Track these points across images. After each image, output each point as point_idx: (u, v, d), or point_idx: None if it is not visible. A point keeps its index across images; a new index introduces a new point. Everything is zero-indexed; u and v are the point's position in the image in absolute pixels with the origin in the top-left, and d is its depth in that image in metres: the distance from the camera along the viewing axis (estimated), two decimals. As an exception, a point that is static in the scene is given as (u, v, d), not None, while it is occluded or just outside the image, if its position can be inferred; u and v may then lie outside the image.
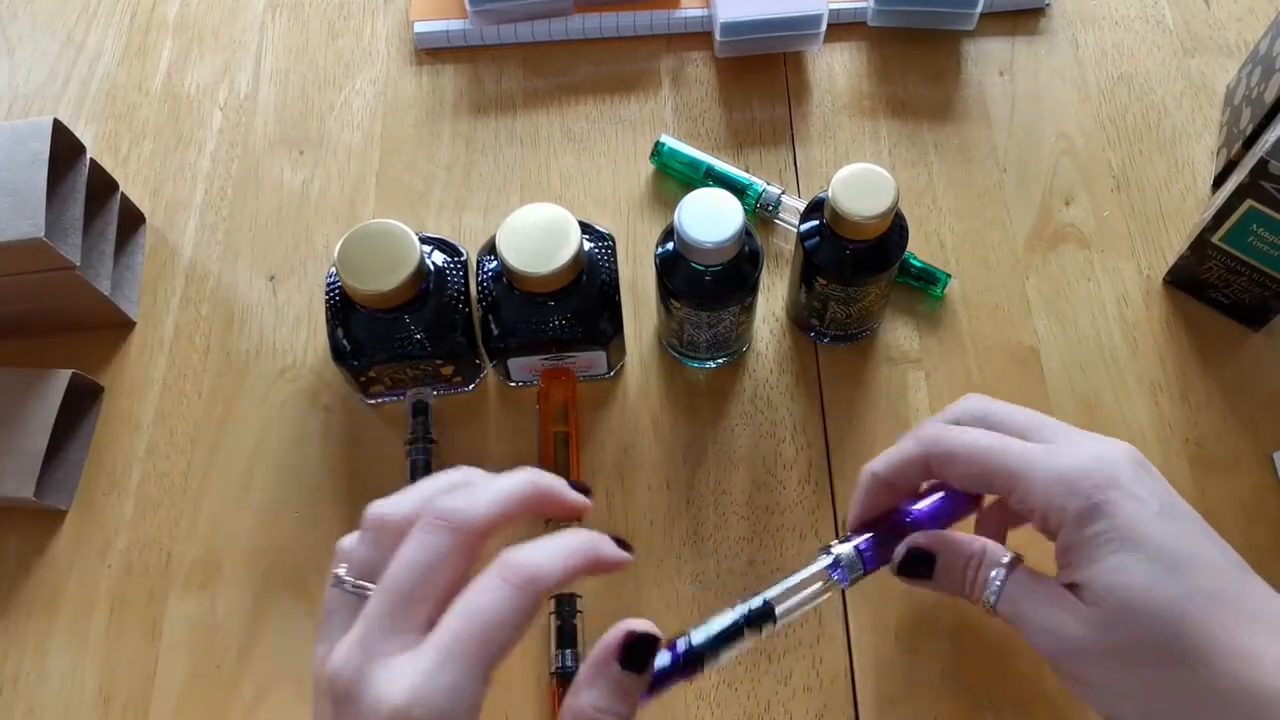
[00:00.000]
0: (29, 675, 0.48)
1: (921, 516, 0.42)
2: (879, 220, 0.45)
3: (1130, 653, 0.35)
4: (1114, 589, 0.35)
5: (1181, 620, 0.34)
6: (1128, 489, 0.35)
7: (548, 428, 0.51)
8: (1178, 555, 0.34)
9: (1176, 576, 0.34)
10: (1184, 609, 0.34)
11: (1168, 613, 0.34)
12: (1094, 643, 0.35)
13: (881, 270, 0.48)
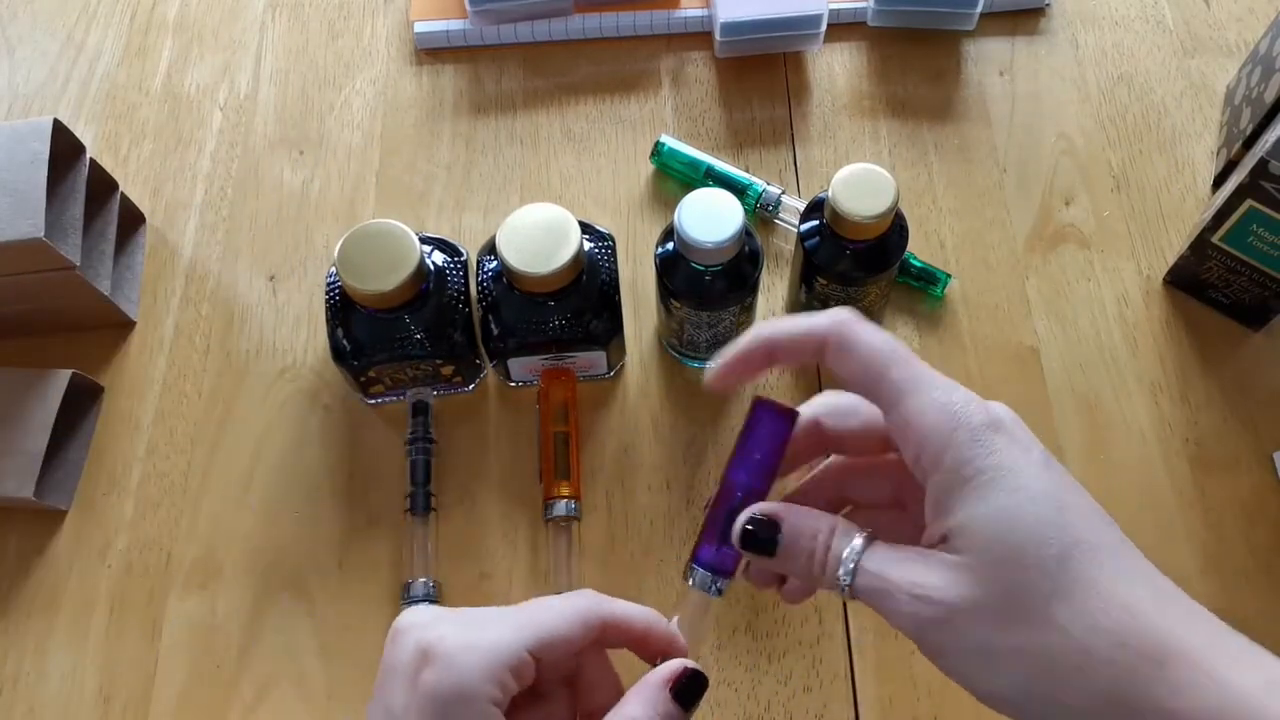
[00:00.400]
0: (29, 675, 0.48)
1: (755, 484, 0.36)
2: (879, 220, 0.45)
3: (1008, 607, 0.31)
4: (998, 531, 0.31)
5: (1065, 563, 0.31)
6: (1012, 433, 0.33)
7: (548, 428, 0.51)
8: (1062, 503, 0.32)
9: (1061, 522, 0.31)
10: (1070, 554, 0.31)
11: (1051, 557, 0.31)
12: (969, 599, 0.32)
13: (881, 270, 0.48)
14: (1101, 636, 0.30)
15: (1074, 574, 0.31)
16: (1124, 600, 0.30)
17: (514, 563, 0.50)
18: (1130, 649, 0.30)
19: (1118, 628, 0.30)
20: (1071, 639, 0.30)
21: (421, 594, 0.48)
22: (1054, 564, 0.31)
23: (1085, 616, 0.30)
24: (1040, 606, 0.31)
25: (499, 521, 0.51)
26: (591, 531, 0.51)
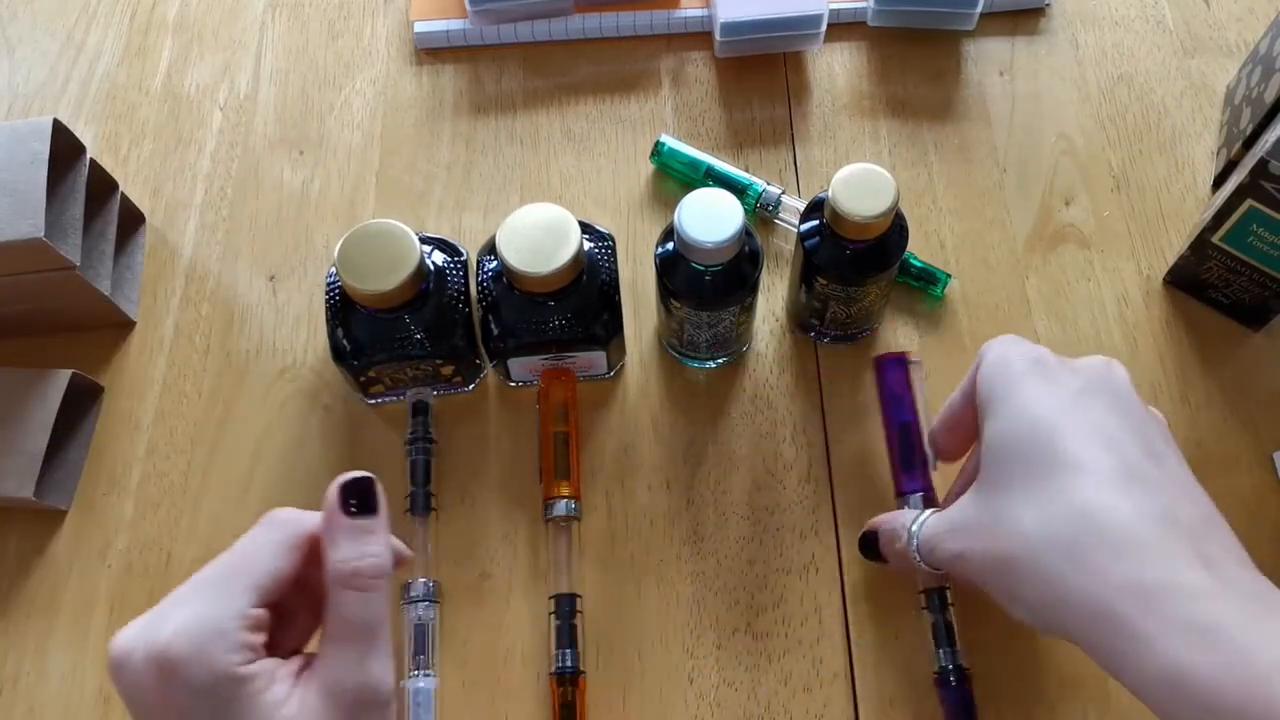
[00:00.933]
0: (29, 675, 0.48)
1: (907, 417, 0.49)
2: (879, 220, 0.45)
3: (983, 523, 0.36)
4: (991, 451, 0.36)
5: (1040, 475, 0.35)
6: (1049, 372, 0.37)
7: (548, 428, 0.51)
8: (1056, 426, 0.35)
9: (1046, 440, 0.35)
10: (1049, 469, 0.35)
11: (1025, 471, 0.35)
12: (976, 516, 0.37)
13: (881, 270, 0.48)
14: (1055, 544, 0.34)
15: (1041, 485, 0.35)
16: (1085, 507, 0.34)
17: (514, 563, 0.50)
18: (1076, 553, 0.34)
19: (1069, 536, 0.34)
20: (1029, 543, 0.34)
21: (421, 594, 0.48)
22: (1026, 476, 0.35)
23: (1044, 524, 0.34)
24: (1006, 518, 0.35)
25: (499, 521, 0.51)
26: (591, 531, 0.51)
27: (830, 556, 0.50)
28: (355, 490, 0.36)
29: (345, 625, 0.35)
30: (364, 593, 0.35)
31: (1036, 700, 0.47)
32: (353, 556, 0.35)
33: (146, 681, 0.32)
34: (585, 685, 0.47)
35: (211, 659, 0.31)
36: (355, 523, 0.36)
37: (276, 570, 0.34)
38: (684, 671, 0.48)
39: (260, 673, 0.33)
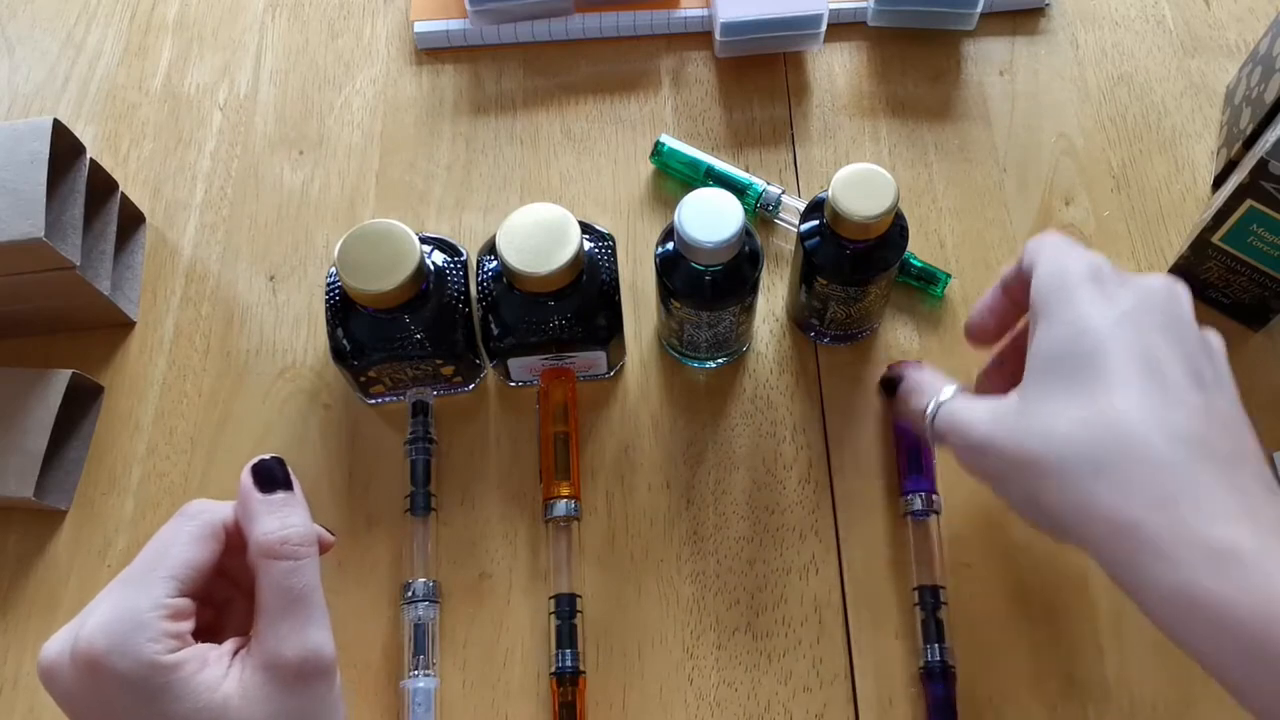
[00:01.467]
0: (29, 675, 0.48)
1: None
2: (879, 220, 0.45)
3: (1019, 426, 0.36)
4: (1036, 358, 0.37)
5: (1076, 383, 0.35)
6: (1105, 288, 0.38)
7: (548, 428, 0.51)
8: (1099, 344, 0.36)
9: (1087, 352, 0.36)
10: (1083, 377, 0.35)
11: (1064, 376, 0.36)
12: (1011, 412, 0.37)
13: (882, 270, 0.48)
14: (1084, 455, 0.34)
15: (1079, 397, 0.35)
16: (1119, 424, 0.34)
17: (514, 563, 0.50)
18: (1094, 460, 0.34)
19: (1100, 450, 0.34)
20: (1059, 449, 0.35)
21: (422, 594, 0.48)
22: (1068, 385, 0.35)
23: (1076, 434, 0.35)
24: (1040, 421, 0.36)
25: (499, 521, 0.51)
26: (591, 531, 0.51)
27: (830, 556, 0.50)
28: (265, 471, 0.37)
29: (278, 595, 0.35)
30: (294, 560, 0.36)
31: (1036, 700, 0.47)
32: (276, 528, 0.36)
33: (75, 685, 0.32)
34: (585, 685, 0.47)
35: (134, 649, 0.32)
36: (272, 497, 0.36)
37: (193, 559, 0.34)
38: (684, 671, 0.48)
39: (188, 659, 0.33)
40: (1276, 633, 0.30)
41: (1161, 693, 0.46)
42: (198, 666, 0.33)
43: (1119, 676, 0.47)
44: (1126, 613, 0.48)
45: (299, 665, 0.35)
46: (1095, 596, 0.48)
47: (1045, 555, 0.49)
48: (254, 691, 0.34)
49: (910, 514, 0.49)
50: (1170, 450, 0.34)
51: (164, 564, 0.34)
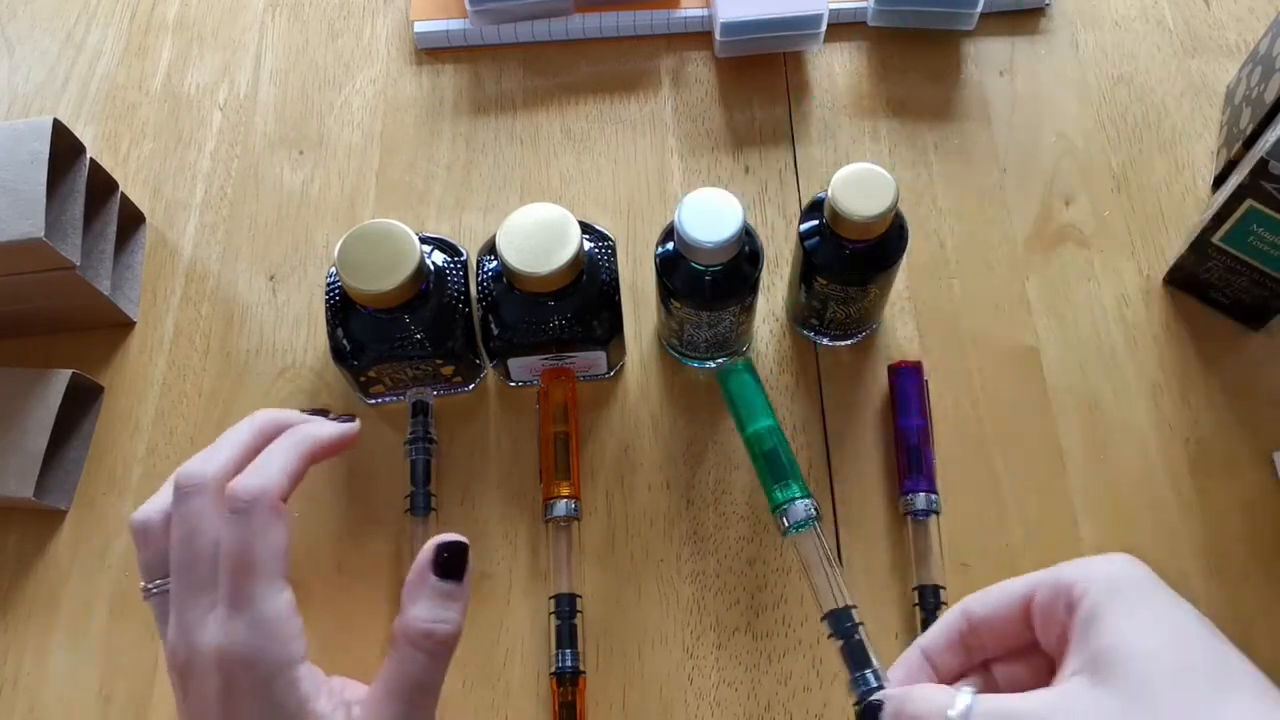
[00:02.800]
0: (29, 675, 0.48)
1: (918, 423, 0.50)
2: (879, 220, 0.45)
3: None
4: (1151, 647, 0.29)
5: (1208, 691, 0.29)
6: (1149, 593, 0.31)
7: (548, 428, 0.51)
8: (1209, 637, 0.30)
9: (1208, 649, 0.29)
10: (1217, 684, 0.29)
11: (1197, 681, 0.29)
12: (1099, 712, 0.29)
13: (882, 270, 0.48)
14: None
15: (1216, 703, 0.28)
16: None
17: (514, 563, 0.50)
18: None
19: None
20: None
21: (421, 594, 0.48)
22: (1200, 688, 0.29)
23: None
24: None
25: (499, 521, 0.51)
26: (591, 531, 0.51)
27: (830, 556, 0.50)
28: (449, 556, 0.38)
29: (399, 679, 0.36)
30: (429, 656, 0.36)
31: (1036, 700, 0.47)
32: (429, 617, 0.37)
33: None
34: (585, 685, 0.47)
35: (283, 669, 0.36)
36: (443, 586, 0.37)
37: (281, 549, 0.38)
38: (684, 671, 0.48)
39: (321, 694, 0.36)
40: None
41: (1161, 693, 0.46)
42: (316, 692, 0.36)
43: (1119, 676, 0.47)
44: (1126, 613, 0.48)
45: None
46: (1095, 596, 0.48)
47: (1045, 556, 0.49)
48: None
49: (910, 514, 0.49)
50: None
51: (262, 567, 0.37)
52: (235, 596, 0.36)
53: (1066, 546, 0.50)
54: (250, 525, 0.37)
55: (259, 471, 0.38)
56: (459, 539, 0.38)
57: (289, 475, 0.39)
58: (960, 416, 0.53)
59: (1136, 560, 0.32)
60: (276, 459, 0.39)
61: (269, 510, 0.37)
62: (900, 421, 0.51)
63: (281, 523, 0.38)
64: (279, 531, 0.37)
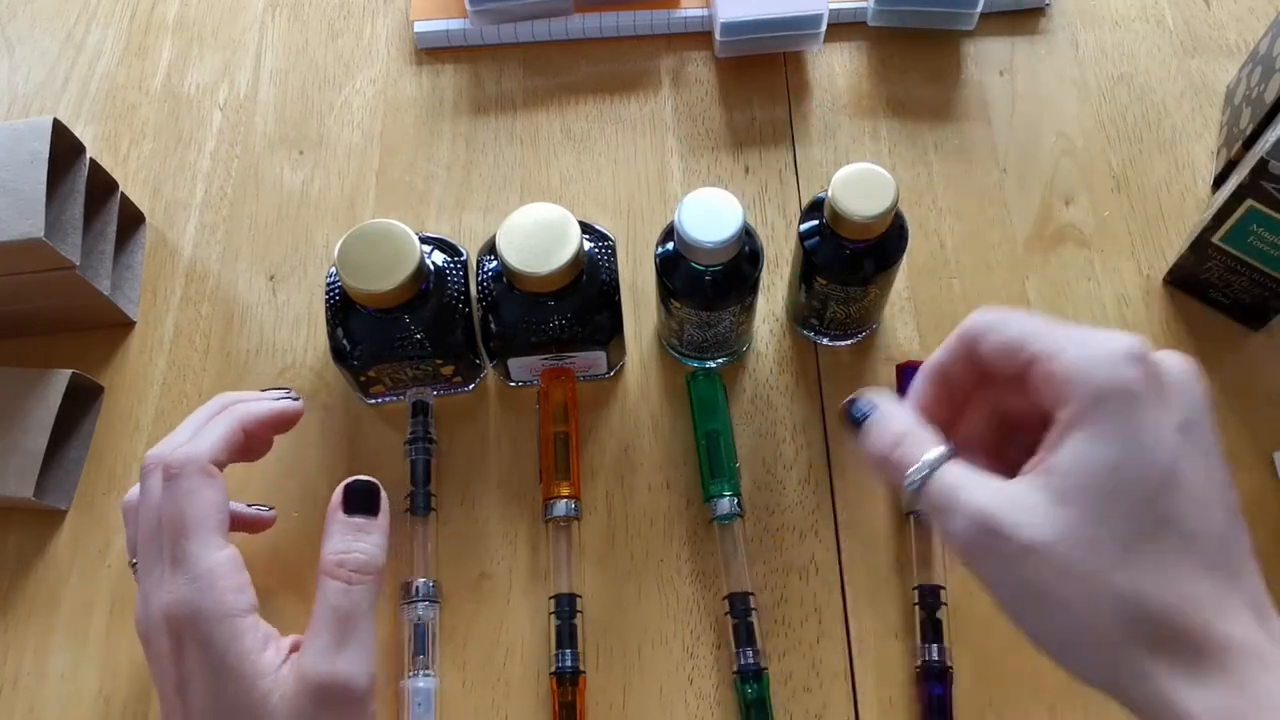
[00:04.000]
0: (29, 675, 0.48)
1: None
2: (879, 220, 0.45)
3: (1077, 557, 0.30)
4: (1101, 481, 0.30)
5: (1148, 534, 0.30)
6: (1157, 391, 0.32)
7: (548, 428, 0.51)
8: (1174, 478, 0.31)
9: (1159, 497, 0.30)
10: (1158, 529, 0.30)
11: (1136, 522, 0.30)
12: (1041, 541, 0.30)
13: (882, 270, 0.48)
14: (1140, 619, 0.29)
15: (1149, 548, 0.30)
16: (1182, 591, 0.29)
17: (514, 563, 0.50)
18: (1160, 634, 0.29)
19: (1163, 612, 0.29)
20: (1116, 608, 0.29)
21: (422, 594, 0.48)
22: (1137, 529, 0.30)
23: (1140, 588, 0.29)
24: (1103, 567, 0.30)
25: (499, 521, 0.51)
26: (591, 531, 0.51)
27: (830, 556, 0.50)
28: (353, 493, 0.41)
29: (324, 611, 0.38)
30: (346, 584, 0.38)
31: (1037, 700, 0.47)
32: (340, 549, 0.39)
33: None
34: (585, 685, 0.47)
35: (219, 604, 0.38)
36: (351, 520, 0.40)
37: (213, 511, 0.40)
38: (684, 671, 0.48)
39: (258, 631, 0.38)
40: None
41: (1161, 693, 0.46)
42: (262, 644, 0.37)
43: (1119, 676, 0.47)
44: (1126, 613, 0.48)
45: (323, 686, 0.37)
46: (1095, 596, 0.48)
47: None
48: (290, 697, 0.36)
49: (913, 513, 0.49)
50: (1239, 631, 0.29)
51: (198, 530, 0.39)
52: (174, 556, 0.38)
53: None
54: (180, 488, 0.39)
55: (190, 441, 0.41)
56: (366, 479, 0.41)
57: (219, 441, 0.41)
58: (960, 416, 0.53)
59: (1137, 359, 0.33)
60: (208, 429, 0.42)
61: (198, 473, 0.39)
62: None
63: (212, 484, 0.40)
64: (209, 492, 0.39)
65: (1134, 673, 0.29)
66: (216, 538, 0.39)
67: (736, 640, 0.47)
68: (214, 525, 0.39)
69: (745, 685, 0.46)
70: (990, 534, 0.31)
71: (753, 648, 0.46)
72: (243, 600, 0.38)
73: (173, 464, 0.40)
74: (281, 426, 0.46)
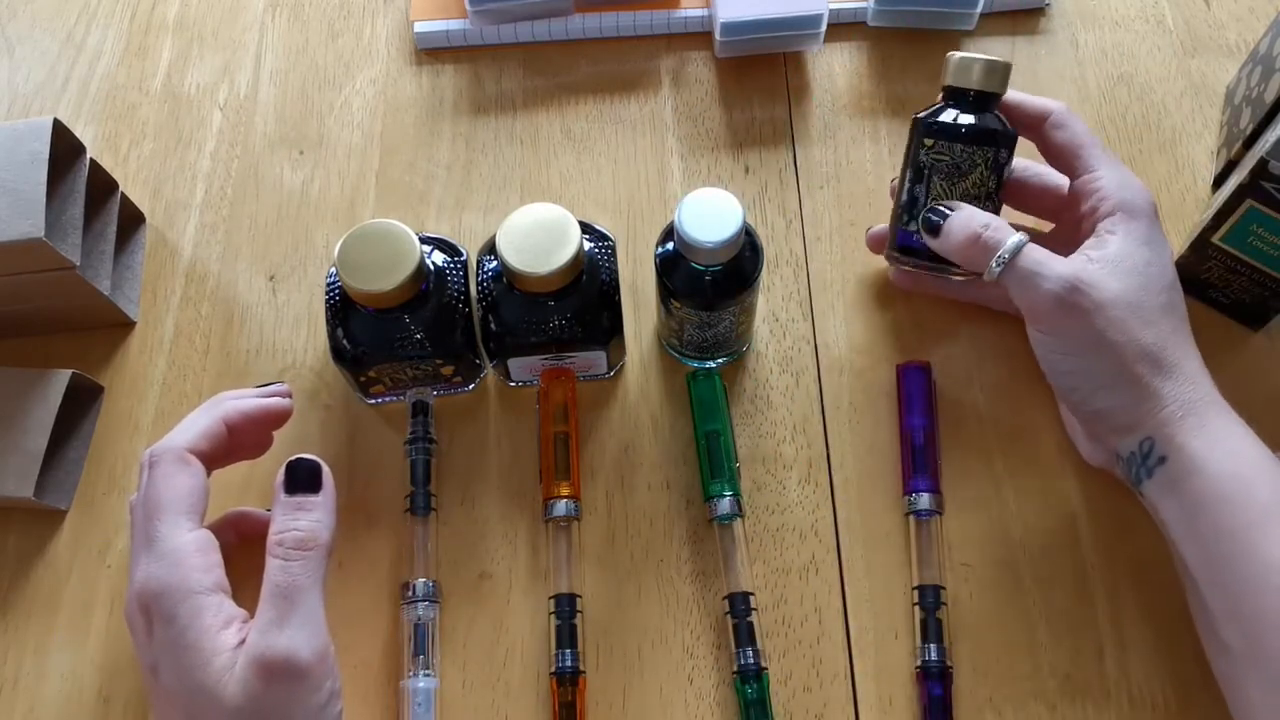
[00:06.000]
0: (29, 675, 0.48)
1: (925, 422, 0.52)
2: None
3: (1124, 315, 0.43)
4: (1133, 267, 0.44)
5: (1162, 308, 0.44)
6: (1158, 225, 0.46)
7: (548, 428, 0.51)
8: (1172, 285, 0.45)
9: (1174, 288, 0.45)
10: (1168, 313, 0.45)
11: (1158, 299, 0.44)
12: (1111, 290, 0.43)
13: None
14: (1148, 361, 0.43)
15: (1163, 316, 0.44)
16: (1179, 342, 0.44)
17: (514, 563, 0.50)
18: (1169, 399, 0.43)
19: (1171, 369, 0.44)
20: (1142, 351, 0.43)
21: (422, 594, 0.48)
22: (1165, 309, 0.44)
23: (1158, 340, 0.44)
24: (1140, 324, 0.43)
25: (499, 521, 0.51)
26: (591, 531, 0.51)
27: (830, 556, 0.50)
28: (292, 472, 0.42)
29: (269, 589, 0.39)
30: (284, 561, 0.40)
31: (1037, 700, 0.47)
32: (280, 528, 0.41)
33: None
34: (585, 685, 0.47)
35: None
36: (290, 499, 0.42)
37: (188, 496, 0.41)
38: (684, 671, 0.48)
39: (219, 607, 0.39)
40: None
41: (1161, 692, 0.46)
42: (223, 623, 0.38)
43: (1119, 676, 0.47)
44: (1126, 612, 0.48)
45: (265, 661, 0.37)
46: (1095, 597, 0.48)
47: (1045, 556, 0.50)
48: (239, 672, 0.37)
49: (914, 514, 0.49)
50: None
51: (169, 510, 0.40)
52: (146, 537, 0.40)
53: (1067, 546, 0.50)
54: (156, 474, 0.41)
55: (172, 432, 0.43)
56: (308, 457, 0.43)
57: (199, 432, 0.43)
58: (961, 416, 0.53)
59: (1151, 201, 0.46)
60: (191, 421, 0.43)
61: (174, 460, 0.41)
62: (906, 421, 0.51)
63: (186, 470, 0.41)
64: (182, 477, 0.41)
65: (1142, 391, 0.43)
66: (185, 519, 0.40)
67: (736, 640, 0.47)
68: (184, 508, 0.41)
69: (745, 685, 0.46)
70: (1077, 291, 0.43)
71: (753, 648, 0.46)
72: (207, 580, 0.39)
73: (155, 453, 0.42)
74: (271, 423, 0.47)
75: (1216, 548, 0.41)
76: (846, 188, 0.60)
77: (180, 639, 0.38)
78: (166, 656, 0.38)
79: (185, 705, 0.38)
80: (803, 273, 0.57)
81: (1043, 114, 0.49)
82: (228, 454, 0.45)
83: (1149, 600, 0.48)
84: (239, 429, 0.45)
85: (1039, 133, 0.49)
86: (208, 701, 0.37)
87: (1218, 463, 0.42)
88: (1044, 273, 0.44)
